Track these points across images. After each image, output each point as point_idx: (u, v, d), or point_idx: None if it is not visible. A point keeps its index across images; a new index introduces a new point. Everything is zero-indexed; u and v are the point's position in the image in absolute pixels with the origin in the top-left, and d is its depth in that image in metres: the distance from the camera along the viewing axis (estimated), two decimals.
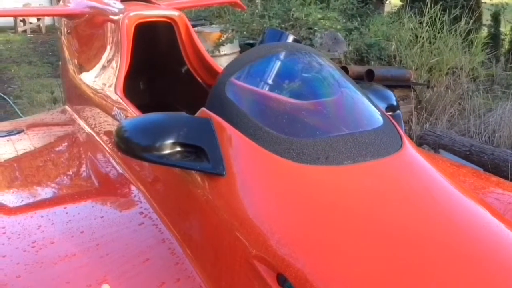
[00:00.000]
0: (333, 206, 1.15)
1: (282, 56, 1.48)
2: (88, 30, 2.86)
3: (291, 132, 1.28)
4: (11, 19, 12.89)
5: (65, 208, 1.80)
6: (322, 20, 6.01)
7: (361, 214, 1.12)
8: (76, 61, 2.99)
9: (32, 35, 12.42)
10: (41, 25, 12.92)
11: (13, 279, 1.35)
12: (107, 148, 2.26)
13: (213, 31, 5.98)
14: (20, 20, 12.77)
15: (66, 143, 2.57)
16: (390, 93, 1.74)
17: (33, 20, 12.93)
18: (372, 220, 1.11)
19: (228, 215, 1.25)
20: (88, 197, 1.90)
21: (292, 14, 6.16)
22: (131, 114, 1.97)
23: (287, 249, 1.08)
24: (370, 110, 1.43)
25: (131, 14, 2.42)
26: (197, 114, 1.44)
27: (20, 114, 5.27)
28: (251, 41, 6.37)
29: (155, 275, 1.39)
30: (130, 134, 1.36)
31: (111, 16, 2.59)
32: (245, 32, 6.50)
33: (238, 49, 6.01)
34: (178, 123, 1.37)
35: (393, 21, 7.04)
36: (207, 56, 2.57)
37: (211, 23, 7.45)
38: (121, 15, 2.47)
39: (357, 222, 1.11)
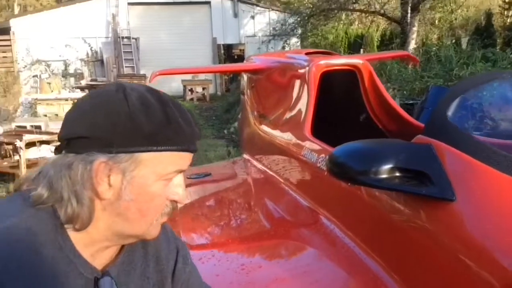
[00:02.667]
0: None
1: (506, 82, 1.40)
2: (273, 82, 3.07)
3: None
4: (181, 88, 14.62)
5: (261, 238, 1.86)
6: None
7: None
8: (257, 111, 3.21)
9: (198, 103, 13.87)
10: (205, 93, 14.40)
11: None
12: (291, 187, 2.32)
13: None
14: (189, 90, 14.39)
15: (251, 183, 2.72)
16: None
17: (199, 89, 14.45)
18: None
19: (459, 242, 1.16)
20: (284, 230, 1.94)
21: (455, 74, 5.96)
22: (325, 151, 2.01)
23: None
24: None
25: (320, 62, 2.55)
26: (413, 141, 1.41)
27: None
28: (411, 101, 6.24)
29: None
30: (344, 159, 1.37)
31: (297, 67, 2.76)
32: (404, 92, 6.41)
33: None
34: (396, 149, 1.34)
35: None
36: (392, 102, 2.55)
37: None
38: (308, 65, 2.62)
39: None
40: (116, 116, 0.77)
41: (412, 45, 12.07)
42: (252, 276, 1.52)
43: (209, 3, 16.19)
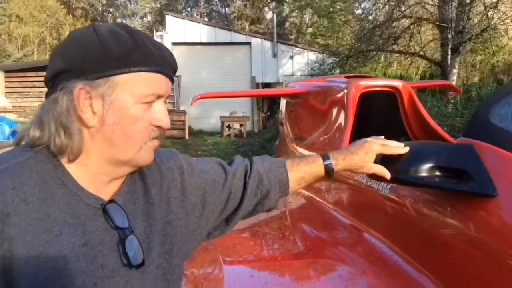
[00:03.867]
0: None
1: None
2: (311, 105, 3.13)
3: None
4: (219, 125, 14.88)
5: (304, 256, 1.84)
6: None
7: None
8: (295, 134, 3.26)
9: (235, 139, 14.06)
10: (242, 130, 14.61)
11: None
12: (330, 206, 2.32)
13: None
14: (226, 126, 14.64)
15: (288, 205, 2.72)
16: None
17: (236, 126, 14.67)
18: None
19: (501, 235, 1.14)
20: (328, 248, 1.92)
21: None
22: None
23: None
24: None
25: (360, 83, 2.59)
26: (454, 143, 1.42)
27: None
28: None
29: None
30: (382, 159, 1.38)
31: (336, 89, 2.81)
32: (444, 128, 6.34)
33: None
34: (437, 149, 1.35)
35: None
36: (433, 124, 2.54)
37: None
38: (347, 86, 2.66)
39: None
40: (87, 46, 0.84)
41: None
42: None
43: (249, 43, 16.67)
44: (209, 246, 1.92)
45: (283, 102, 3.71)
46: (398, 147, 1.26)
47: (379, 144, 1.23)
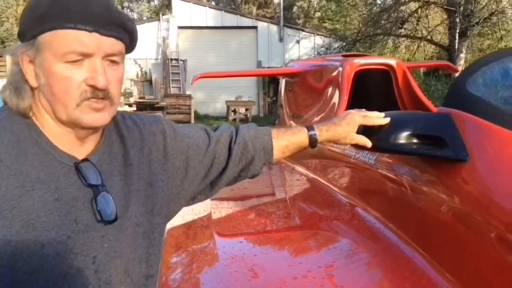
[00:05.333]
0: None
1: None
2: (308, 83, 3.17)
3: None
4: (225, 110, 14.93)
5: (299, 229, 1.90)
6: None
7: None
8: (292, 112, 3.31)
9: (240, 123, 14.09)
10: (248, 115, 14.64)
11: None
12: (325, 182, 2.38)
13: None
14: (232, 111, 14.68)
15: (285, 180, 2.79)
16: None
17: (242, 110, 14.70)
18: None
19: (472, 197, 1.19)
20: (322, 222, 1.96)
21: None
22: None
23: None
24: None
25: (353, 61, 2.63)
26: (433, 112, 1.46)
27: None
28: None
29: (384, 268, 1.37)
30: (364, 130, 1.42)
31: (332, 67, 2.84)
32: None
33: None
34: (415, 118, 1.41)
35: None
36: (426, 101, 2.57)
37: None
38: (342, 64, 2.70)
39: None
40: (26, 10, 0.89)
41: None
42: (308, 263, 1.47)
43: (256, 27, 16.61)
44: (204, 221, 1.99)
45: (282, 82, 3.75)
46: (378, 118, 1.31)
47: (360, 116, 1.28)
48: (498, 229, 1.10)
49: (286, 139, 1.21)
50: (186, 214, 2.17)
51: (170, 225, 2.05)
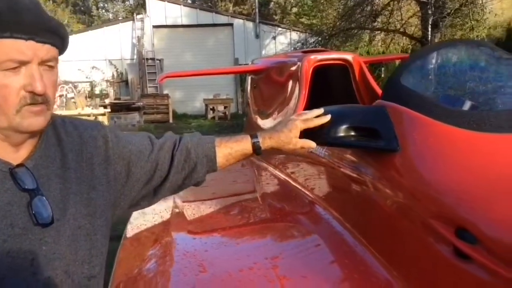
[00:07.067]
0: None
1: (451, 48, 1.51)
2: (271, 80, 3.21)
3: (468, 106, 1.27)
4: (203, 108, 14.91)
5: (260, 223, 1.94)
6: None
7: None
8: (257, 108, 3.35)
9: (219, 121, 14.09)
10: (227, 112, 14.63)
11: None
12: (285, 177, 2.43)
13: None
14: (210, 109, 14.66)
15: (248, 175, 2.83)
16: None
17: (221, 108, 14.69)
18: None
19: (402, 185, 1.25)
20: (282, 217, 2.01)
21: None
22: None
23: (467, 204, 1.04)
24: None
25: (311, 57, 2.68)
26: (371, 105, 1.52)
27: None
28: None
29: (326, 255, 1.42)
30: (306, 132, 1.46)
31: (292, 64, 2.89)
32: None
33: None
34: (353, 111, 1.46)
35: None
36: (380, 92, 2.64)
37: None
38: (300, 60, 2.75)
39: None
40: None
41: None
42: (255, 255, 1.51)
43: (231, 24, 16.60)
44: (163, 219, 2.02)
45: (248, 80, 3.79)
46: (319, 119, 1.34)
47: (301, 121, 1.31)
48: (424, 215, 1.16)
49: (229, 147, 1.25)
50: (146, 213, 2.21)
51: (129, 223, 2.09)
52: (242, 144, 1.25)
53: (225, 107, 14.72)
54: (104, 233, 1.08)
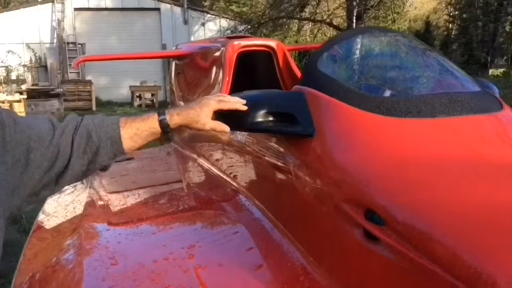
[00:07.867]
0: (420, 149, 1.13)
1: (367, 34, 1.54)
2: (195, 66, 3.14)
3: (382, 92, 1.29)
4: (129, 96, 14.45)
5: (183, 211, 1.88)
6: None
7: (450, 152, 1.08)
8: (181, 94, 3.27)
9: (146, 109, 13.71)
10: (154, 100, 14.28)
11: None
12: (208, 164, 2.39)
13: None
14: (137, 96, 14.23)
15: (171, 163, 2.76)
16: (494, 86, 1.68)
17: (148, 96, 14.31)
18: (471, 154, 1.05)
19: (317, 170, 1.26)
20: (205, 204, 1.97)
21: None
22: None
23: (375, 187, 1.06)
24: (466, 78, 1.39)
25: (234, 43, 2.64)
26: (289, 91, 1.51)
27: None
28: None
29: (244, 242, 1.40)
30: (221, 114, 1.42)
31: (216, 49, 2.84)
32: None
33: None
34: (271, 96, 1.44)
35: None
36: None
37: None
38: (224, 46, 2.70)
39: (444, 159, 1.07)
40: None
41: None
42: (171, 245, 1.46)
43: (158, 9, 16.14)
44: (75, 211, 1.91)
45: (172, 65, 3.68)
46: (235, 103, 1.29)
47: (216, 100, 1.25)
48: (337, 199, 1.17)
49: (135, 127, 1.16)
50: (60, 203, 2.08)
51: (40, 213, 1.96)
52: (148, 123, 1.17)
53: (152, 95, 14.35)
54: (0, 225, 0.99)
